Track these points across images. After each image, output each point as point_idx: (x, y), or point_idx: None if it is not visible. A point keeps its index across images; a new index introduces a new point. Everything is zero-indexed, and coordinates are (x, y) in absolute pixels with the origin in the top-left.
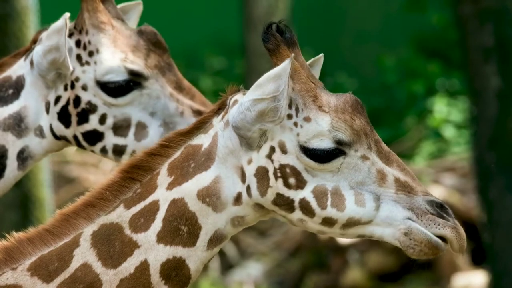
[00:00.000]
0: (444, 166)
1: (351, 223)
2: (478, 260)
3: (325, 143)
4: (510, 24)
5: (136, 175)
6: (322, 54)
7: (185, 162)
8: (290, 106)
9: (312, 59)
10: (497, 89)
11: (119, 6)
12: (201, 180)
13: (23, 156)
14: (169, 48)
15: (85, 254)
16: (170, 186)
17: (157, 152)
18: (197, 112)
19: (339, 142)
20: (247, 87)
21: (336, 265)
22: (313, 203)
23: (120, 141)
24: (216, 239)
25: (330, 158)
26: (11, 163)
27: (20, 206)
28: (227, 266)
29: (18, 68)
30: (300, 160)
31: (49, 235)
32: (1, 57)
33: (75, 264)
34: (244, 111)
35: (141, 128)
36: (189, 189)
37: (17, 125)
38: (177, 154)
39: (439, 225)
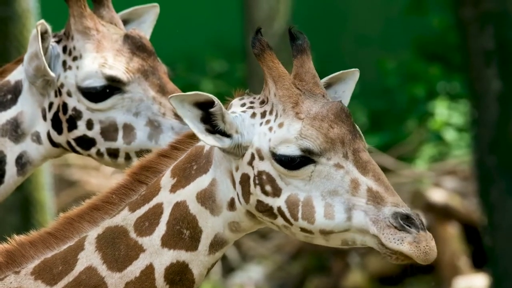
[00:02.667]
0: (445, 169)
1: (325, 233)
2: (479, 263)
3: (291, 150)
4: (511, 27)
5: (144, 177)
6: (357, 70)
7: (188, 164)
8: (271, 112)
9: (342, 72)
10: (498, 92)
11: (132, 9)
12: (201, 182)
13: (21, 162)
14: (171, 51)
15: (89, 257)
16: (174, 189)
17: (167, 153)
18: (178, 115)
19: (306, 151)
20: (249, 91)
21: (337, 268)
22: (287, 214)
23: (111, 145)
24: (217, 243)
25: (299, 165)
26: (10, 168)
27: (21, 209)
28: (228, 269)
29: (17, 74)
30: (273, 166)
31: (52, 239)
32: (2, 60)
33: (79, 267)
34: None
35: (129, 130)
36: (190, 192)
37: (14, 130)
38: (183, 156)
39: (398, 240)
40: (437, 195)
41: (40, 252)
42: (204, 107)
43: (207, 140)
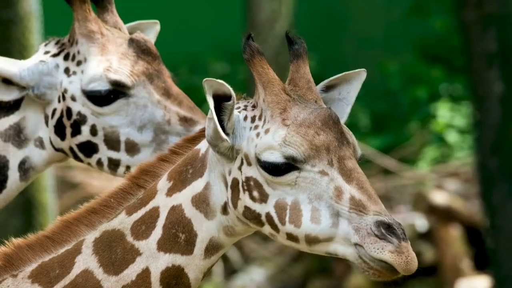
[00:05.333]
0: (447, 171)
1: (310, 240)
2: (481, 265)
3: (274, 157)
4: None
5: (143, 181)
6: (364, 70)
7: (184, 167)
8: (260, 118)
9: (347, 73)
10: (500, 95)
11: (135, 22)
12: (196, 186)
13: (24, 167)
14: (173, 54)
15: (86, 261)
16: (170, 192)
17: (166, 158)
18: (183, 119)
19: (289, 158)
20: (250, 93)
21: (339, 270)
22: (275, 218)
23: (113, 155)
24: (212, 247)
25: (283, 171)
26: (13, 173)
27: (23, 212)
28: (230, 271)
29: None
30: (259, 172)
31: (49, 242)
32: None
33: (76, 270)
34: (207, 126)
35: (132, 145)
36: (186, 196)
37: (17, 135)
38: (181, 160)
39: (378, 249)
40: (440, 197)
41: (37, 255)
42: (219, 99)
43: (221, 133)
